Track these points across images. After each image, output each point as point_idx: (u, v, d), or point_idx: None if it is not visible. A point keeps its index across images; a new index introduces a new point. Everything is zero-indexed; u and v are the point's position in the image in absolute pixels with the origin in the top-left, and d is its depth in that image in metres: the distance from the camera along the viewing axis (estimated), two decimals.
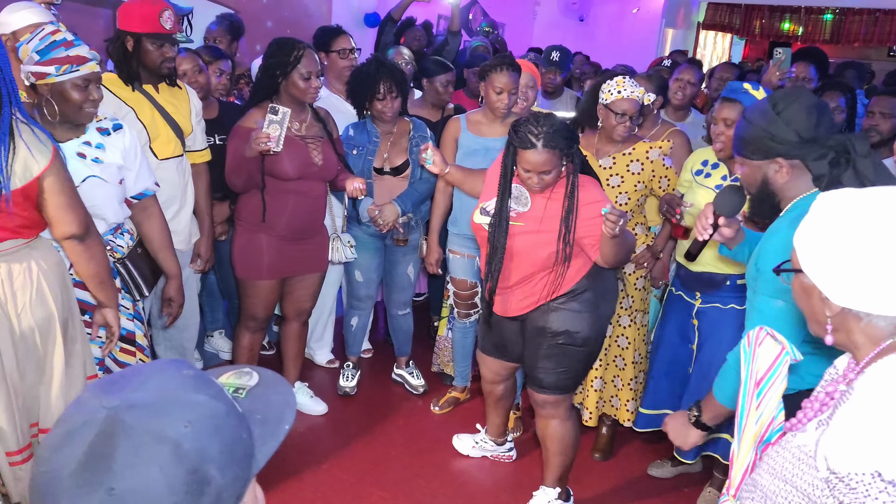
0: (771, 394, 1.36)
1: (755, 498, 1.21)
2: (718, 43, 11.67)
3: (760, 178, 1.84)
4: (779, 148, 1.78)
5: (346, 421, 3.40)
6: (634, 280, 3.08)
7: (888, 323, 1.09)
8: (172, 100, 2.88)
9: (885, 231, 1.05)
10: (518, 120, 2.43)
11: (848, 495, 1.00)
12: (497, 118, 3.16)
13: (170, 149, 2.85)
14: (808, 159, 1.77)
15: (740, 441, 1.40)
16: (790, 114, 1.77)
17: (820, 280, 1.12)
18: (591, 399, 3.18)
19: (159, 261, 2.59)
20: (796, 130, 1.75)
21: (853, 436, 1.00)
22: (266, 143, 2.62)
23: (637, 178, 2.98)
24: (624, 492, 3.06)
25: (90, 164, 2.30)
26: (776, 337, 1.37)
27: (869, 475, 0.97)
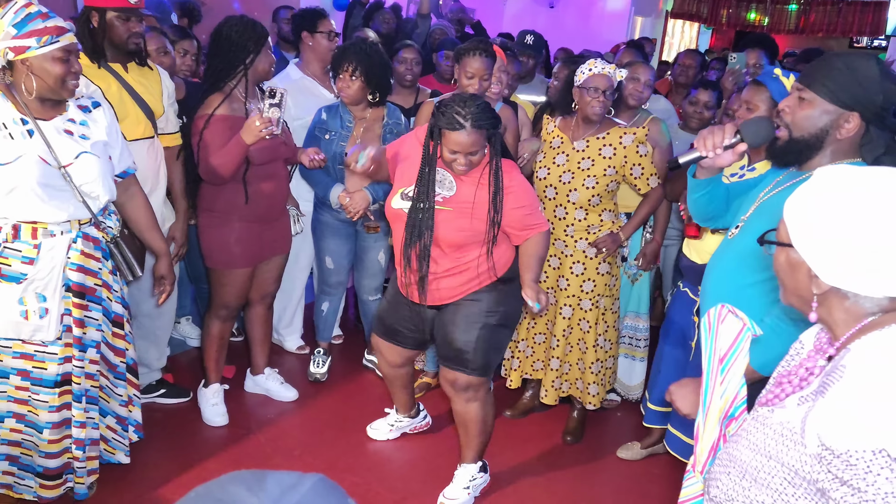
0: (734, 370, 1.38)
1: (731, 472, 1.21)
2: (686, 31, 11.78)
3: (822, 125, 1.71)
4: (863, 103, 1.67)
5: (317, 407, 3.39)
6: (596, 265, 3.11)
7: (874, 303, 1.09)
8: (142, 80, 2.83)
9: (885, 212, 1.04)
10: (442, 101, 2.42)
11: (846, 472, 0.99)
12: None
13: (139, 130, 2.80)
14: (876, 127, 1.69)
15: (705, 418, 1.42)
16: (888, 79, 1.67)
17: (812, 258, 1.10)
18: (547, 378, 3.21)
19: (146, 241, 2.56)
20: (887, 95, 1.66)
21: (852, 413, 1.00)
22: (269, 128, 2.64)
23: (608, 162, 3.00)
24: (594, 474, 3.10)
25: (79, 141, 2.27)
26: (737, 313, 1.39)
27: (870, 452, 0.97)
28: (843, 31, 10.37)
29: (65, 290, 2.30)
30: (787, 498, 1.11)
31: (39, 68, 2.14)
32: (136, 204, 2.53)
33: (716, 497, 1.25)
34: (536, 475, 3.03)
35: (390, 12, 5.16)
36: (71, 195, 2.26)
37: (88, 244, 2.34)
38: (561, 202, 3.06)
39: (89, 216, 2.33)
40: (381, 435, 3.15)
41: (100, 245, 2.38)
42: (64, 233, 2.28)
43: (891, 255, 1.03)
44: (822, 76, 1.71)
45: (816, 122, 1.72)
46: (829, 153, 1.74)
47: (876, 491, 0.97)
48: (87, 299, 2.36)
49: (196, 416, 3.19)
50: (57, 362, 2.34)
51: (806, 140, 1.75)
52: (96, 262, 2.37)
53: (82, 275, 2.33)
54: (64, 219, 2.26)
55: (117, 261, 2.44)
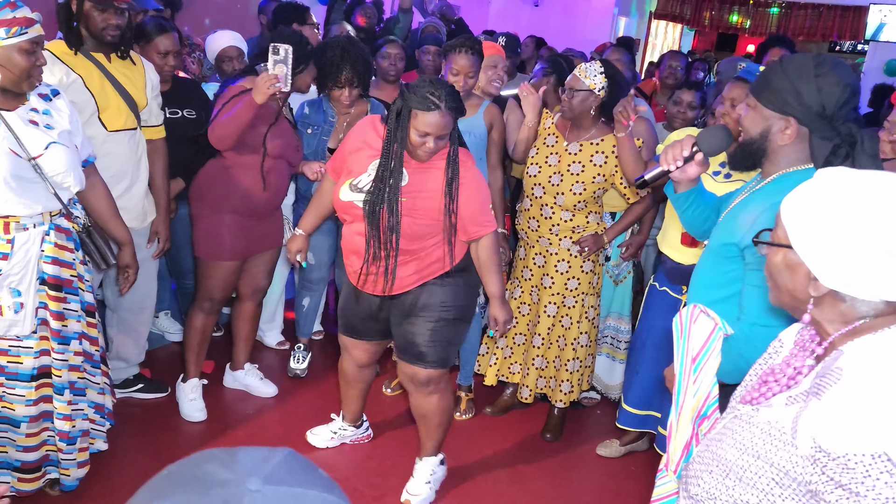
0: (706, 369, 1.39)
1: (714, 471, 1.19)
2: (669, 33, 11.85)
3: (762, 129, 1.73)
4: (797, 109, 1.66)
5: (297, 403, 3.38)
6: (580, 263, 3.13)
7: (869, 307, 1.08)
8: (126, 71, 2.80)
9: (888, 216, 1.03)
10: (409, 84, 2.38)
11: (844, 475, 0.99)
12: None
13: (121, 121, 2.77)
14: (817, 134, 1.67)
15: (678, 417, 1.43)
16: (826, 82, 1.64)
17: (813, 260, 1.08)
18: (531, 377, 3.22)
19: (109, 230, 2.54)
20: (823, 101, 1.64)
21: (851, 417, 1.00)
22: (276, 84, 2.63)
23: (598, 170, 3.00)
24: (572, 471, 3.12)
25: (46, 132, 2.24)
26: (709, 313, 1.40)
27: (870, 456, 0.97)
28: (823, 36, 10.48)
29: (39, 283, 2.28)
30: (774, 498, 1.10)
31: (5, 59, 2.10)
32: (96, 193, 2.51)
33: (697, 495, 1.23)
34: (514, 472, 3.05)
35: (372, 6, 5.15)
36: (42, 187, 2.23)
37: (61, 236, 2.32)
38: (548, 202, 3.07)
39: (60, 207, 2.31)
40: (322, 442, 3.05)
41: (71, 236, 2.37)
42: (36, 225, 2.26)
43: (888, 258, 1.03)
44: (763, 83, 1.73)
45: (757, 127, 1.74)
46: (778, 159, 1.74)
47: (876, 496, 0.97)
48: (64, 291, 2.34)
49: (174, 411, 3.17)
50: (33, 356, 2.31)
51: (751, 144, 1.77)
52: (70, 253, 2.36)
53: (57, 267, 2.31)
54: (37, 211, 2.24)
55: (89, 250, 2.42)
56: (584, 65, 2.96)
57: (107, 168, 2.65)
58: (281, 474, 0.72)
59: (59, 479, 2.51)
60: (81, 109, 2.58)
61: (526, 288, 3.21)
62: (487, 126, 3.20)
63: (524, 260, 3.22)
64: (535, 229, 3.12)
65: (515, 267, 3.28)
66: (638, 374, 3.01)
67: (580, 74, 2.94)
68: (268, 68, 2.65)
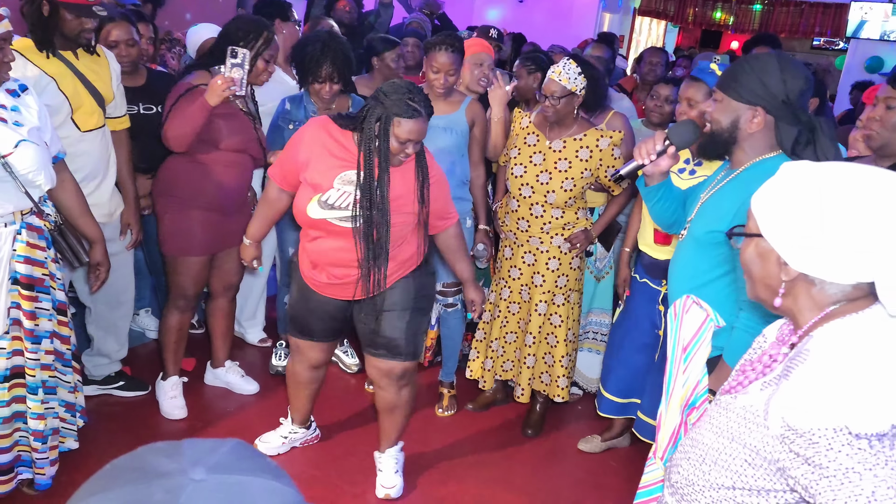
0: (696, 359, 1.39)
1: (692, 457, 1.23)
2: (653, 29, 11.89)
3: (731, 120, 1.86)
4: (765, 98, 1.81)
5: (279, 401, 3.34)
6: (569, 260, 3.12)
7: (838, 290, 1.12)
8: (93, 66, 2.75)
9: (851, 200, 1.07)
10: (382, 90, 2.30)
11: (808, 449, 1.03)
12: (436, 97, 3.14)
13: (93, 120, 2.72)
14: (782, 121, 1.81)
15: (667, 405, 1.43)
16: (790, 73, 1.80)
17: (781, 245, 1.13)
18: (524, 376, 3.21)
19: (80, 227, 2.50)
20: (787, 91, 1.79)
21: (815, 394, 1.03)
22: (231, 88, 2.58)
23: (584, 165, 2.99)
24: (552, 466, 3.11)
25: (16, 129, 2.18)
26: (701, 304, 1.40)
27: (832, 430, 1.00)
28: (804, 33, 10.58)
29: (11, 282, 2.24)
30: (746, 479, 1.14)
31: None
32: (67, 190, 2.46)
33: (677, 483, 1.26)
34: (495, 468, 3.03)
35: (352, 2, 5.10)
36: (13, 185, 2.18)
37: (33, 234, 2.28)
38: (538, 201, 3.04)
39: (31, 206, 2.26)
40: (273, 449, 2.94)
41: (43, 234, 2.32)
42: (8, 224, 2.22)
43: (855, 241, 1.06)
44: (730, 78, 1.87)
45: (726, 118, 1.87)
46: (747, 147, 1.87)
47: (837, 467, 1.00)
48: (36, 290, 2.29)
49: (154, 409, 3.13)
50: (5, 356, 2.27)
51: (720, 134, 1.89)
52: (42, 251, 2.32)
53: (30, 266, 2.27)
54: (8, 210, 2.20)
55: (61, 248, 2.38)
56: (560, 68, 2.92)
57: (81, 168, 2.60)
58: (227, 463, 0.71)
59: (34, 478, 2.46)
60: (56, 112, 2.54)
61: (514, 287, 3.18)
62: (469, 123, 3.18)
63: (511, 259, 3.19)
64: (525, 230, 3.09)
65: (501, 267, 3.25)
66: (618, 361, 3.03)
67: (559, 79, 2.90)
68: (223, 71, 2.59)
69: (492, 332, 3.26)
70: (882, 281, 1.07)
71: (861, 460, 0.99)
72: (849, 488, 1.00)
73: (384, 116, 2.27)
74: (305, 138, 2.40)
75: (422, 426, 3.28)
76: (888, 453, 1.00)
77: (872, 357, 1.05)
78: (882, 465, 0.99)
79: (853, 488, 0.99)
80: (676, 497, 1.27)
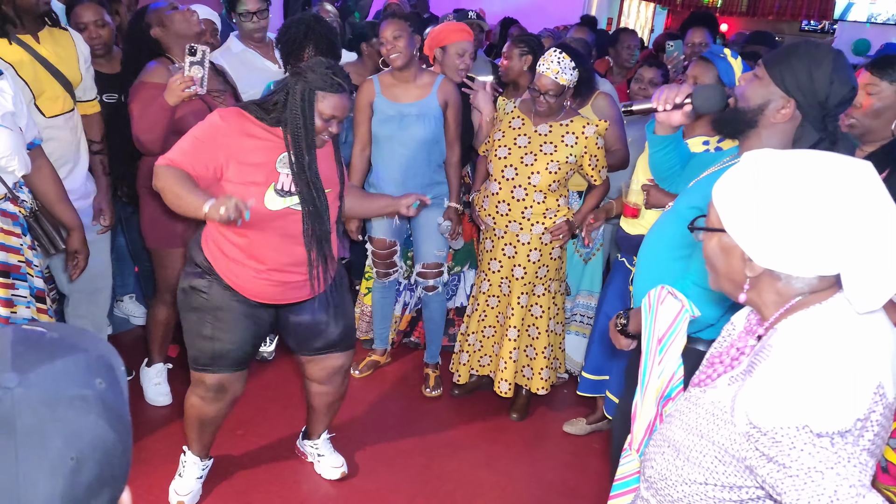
0: (672, 350, 1.39)
1: (665, 452, 1.23)
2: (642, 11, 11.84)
3: (761, 101, 1.74)
4: (804, 92, 1.69)
5: (263, 386, 3.34)
6: (550, 250, 3.12)
7: (804, 283, 1.11)
8: (56, 49, 2.68)
9: (815, 193, 1.05)
10: (304, 65, 2.18)
11: (772, 448, 1.02)
12: (400, 77, 3.12)
13: (58, 105, 2.66)
14: (810, 123, 1.71)
15: (643, 397, 1.44)
16: (839, 76, 1.67)
17: (745, 241, 1.11)
18: (508, 370, 3.20)
19: (57, 214, 2.46)
20: (829, 93, 1.67)
21: (777, 392, 1.03)
22: (191, 87, 2.50)
23: (570, 150, 2.99)
24: (536, 450, 3.13)
25: None
26: (676, 295, 1.40)
27: (794, 428, 1.00)
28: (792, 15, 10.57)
29: None
30: (718, 476, 1.13)
31: None
32: (43, 176, 2.42)
33: (651, 477, 1.26)
34: (479, 452, 3.05)
35: None
36: None
37: (7, 220, 2.25)
38: (521, 183, 3.03)
39: (4, 192, 2.23)
40: (195, 496, 2.57)
41: (18, 220, 2.29)
42: None
43: (820, 235, 1.05)
44: (780, 58, 1.74)
45: (758, 97, 1.75)
46: (764, 136, 1.76)
47: (800, 466, 1.00)
48: (12, 277, 2.27)
49: (139, 395, 3.12)
50: None
51: (745, 112, 1.78)
52: (17, 238, 2.28)
53: (4, 252, 2.24)
54: None
55: (37, 234, 2.34)
56: (556, 65, 2.88)
57: (49, 154, 2.55)
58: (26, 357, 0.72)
59: None
60: None
61: (494, 280, 3.17)
62: (442, 105, 3.16)
63: (491, 252, 3.17)
64: (505, 213, 3.07)
65: (482, 260, 3.24)
66: (594, 339, 3.06)
67: (556, 77, 2.88)
68: (183, 69, 2.52)
69: (469, 325, 3.27)
70: (848, 274, 1.06)
71: (823, 459, 0.99)
72: (811, 487, 0.99)
73: (307, 91, 2.14)
74: (218, 128, 2.16)
75: (406, 411, 3.30)
76: (850, 450, 0.99)
77: (834, 352, 1.04)
78: (844, 462, 0.98)
79: (815, 487, 0.99)
80: (651, 491, 1.27)
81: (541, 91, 2.91)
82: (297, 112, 2.15)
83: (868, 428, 1.03)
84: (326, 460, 2.78)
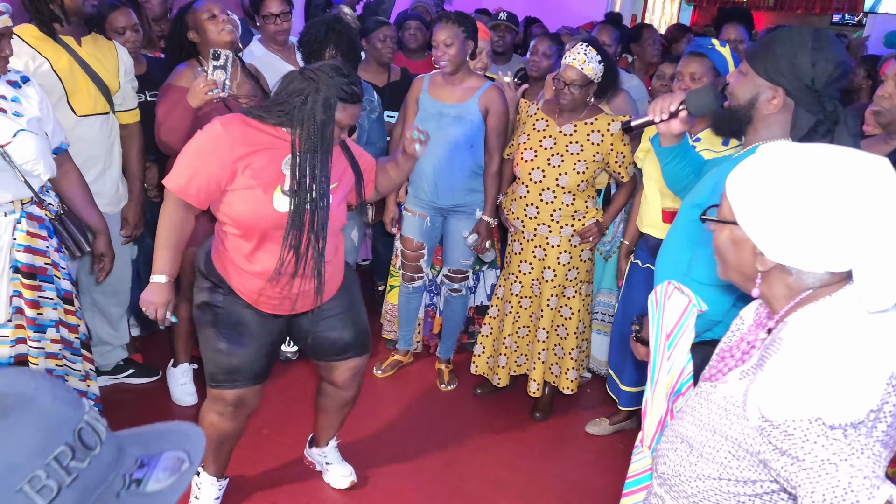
0: (680, 346, 1.39)
1: (678, 448, 1.22)
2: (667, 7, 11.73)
3: (750, 96, 1.75)
4: (788, 79, 1.69)
5: (287, 385, 3.38)
6: (580, 252, 3.11)
7: (815, 278, 1.10)
8: (97, 54, 2.76)
9: (830, 189, 1.04)
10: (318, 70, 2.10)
11: (785, 441, 1.02)
12: (447, 79, 3.14)
13: (90, 105, 2.73)
14: (803, 107, 1.70)
15: (653, 393, 1.43)
16: (821, 56, 1.65)
17: (758, 236, 1.10)
18: (538, 371, 3.21)
19: (83, 217, 2.52)
20: (814, 75, 1.66)
21: (789, 385, 1.03)
22: (214, 90, 2.55)
23: (596, 148, 2.98)
24: (562, 449, 3.13)
25: (15, 119, 2.22)
26: (683, 290, 1.40)
27: (807, 421, 1.00)
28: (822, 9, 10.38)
29: (13, 271, 2.27)
30: (732, 471, 1.13)
31: None
32: (70, 180, 2.49)
33: (664, 474, 1.26)
34: (502, 452, 3.05)
35: None
36: (12, 175, 2.22)
37: (33, 223, 2.31)
38: (549, 185, 3.02)
39: (31, 195, 2.29)
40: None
41: (44, 223, 2.35)
42: (7, 214, 2.25)
43: (834, 231, 1.04)
44: (760, 50, 1.75)
45: (746, 93, 1.76)
46: (761, 129, 1.76)
47: (813, 459, 1.00)
48: (38, 279, 2.33)
49: (165, 395, 3.18)
50: (9, 344, 2.31)
51: (737, 110, 1.79)
52: (43, 240, 2.34)
53: (30, 255, 2.30)
54: (7, 199, 2.23)
55: (62, 238, 2.40)
56: (580, 55, 2.87)
57: (78, 153, 2.62)
58: None
59: None
60: (48, 93, 2.54)
61: (525, 282, 3.16)
62: (483, 112, 3.15)
63: (520, 254, 3.16)
64: (534, 216, 3.06)
65: (510, 262, 3.23)
66: (628, 352, 2.99)
67: (581, 67, 2.87)
68: (207, 73, 2.57)
69: (504, 328, 3.25)
70: (860, 271, 1.05)
71: (837, 451, 0.98)
72: (826, 480, 0.99)
73: (330, 102, 2.08)
74: (222, 146, 2.08)
75: (428, 410, 3.32)
76: (864, 441, 0.99)
77: (845, 343, 1.04)
78: (858, 454, 0.98)
79: (830, 479, 0.98)
80: (665, 487, 1.27)
81: (566, 82, 2.90)
82: (318, 123, 2.09)
83: (881, 419, 1.02)
84: (335, 469, 2.77)
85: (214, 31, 2.76)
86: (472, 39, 3.14)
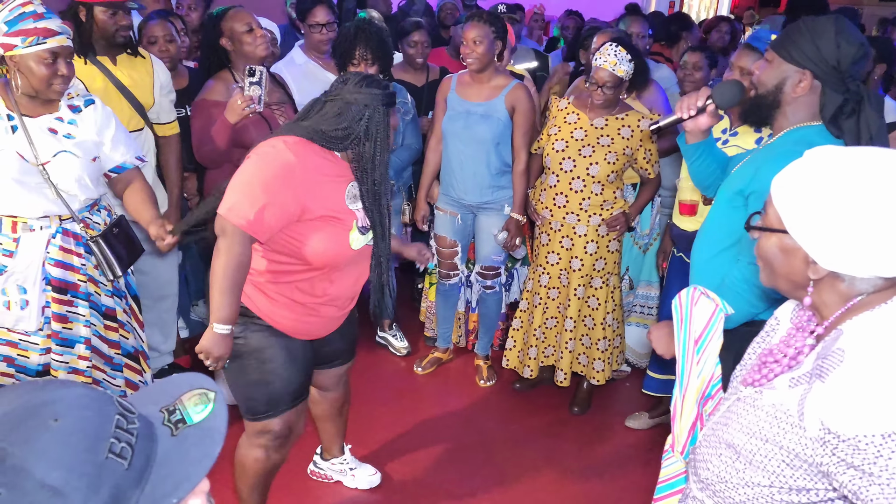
0: (709, 350, 1.40)
1: (722, 455, 1.20)
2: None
3: (777, 82, 1.82)
4: (814, 62, 1.77)
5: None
6: (607, 243, 3.13)
7: (868, 284, 1.07)
8: (132, 73, 2.85)
9: (884, 192, 1.02)
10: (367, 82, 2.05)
11: (855, 456, 1.00)
12: (475, 78, 3.17)
13: (124, 122, 2.75)
14: (830, 88, 1.78)
15: (683, 398, 1.45)
16: (845, 38, 1.75)
17: (812, 244, 1.07)
18: (565, 360, 3.24)
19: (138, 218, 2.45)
20: (839, 56, 1.75)
21: (858, 399, 1.00)
22: (251, 106, 2.60)
23: (626, 142, 3.01)
24: (598, 444, 3.15)
25: (61, 140, 2.29)
26: (709, 295, 1.41)
27: (880, 436, 0.98)
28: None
29: (45, 283, 2.32)
30: (786, 479, 1.11)
31: (25, 67, 2.16)
32: (135, 201, 2.46)
33: (707, 479, 1.24)
34: (541, 445, 3.09)
35: None
36: (49, 192, 2.27)
37: (68, 240, 2.34)
38: (579, 174, 3.05)
39: (68, 213, 2.33)
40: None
41: (81, 241, 2.38)
42: (43, 228, 2.30)
43: (888, 235, 1.02)
44: (784, 39, 1.83)
45: (773, 79, 1.84)
46: (789, 112, 1.84)
47: (890, 475, 0.98)
48: (70, 295, 2.35)
49: None
50: (38, 352, 2.37)
51: (765, 97, 1.86)
52: (78, 257, 2.37)
53: (63, 270, 2.34)
54: (40, 214, 2.28)
55: (98, 259, 2.40)
56: (610, 57, 2.90)
57: None
58: None
59: None
60: None
61: (553, 273, 3.19)
62: (509, 110, 3.18)
63: (548, 245, 3.19)
64: (563, 205, 3.09)
65: (538, 254, 3.26)
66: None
67: (613, 69, 2.89)
68: (243, 88, 2.62)
69: (534, 319, 3.29)
70: None
71: None
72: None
73: (383, 108, 2.04)
74: (296, 177, 1.94)
75: (467, 406, 3.36)
76: None
77: None
78: None
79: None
80: (707, 493, 1.24)
81: (599, 84, 2.93)
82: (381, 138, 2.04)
83: None
84: (360, 472, 2.79)
85: (251, 45, 2.80)
86: (501, 40, 3.17)
